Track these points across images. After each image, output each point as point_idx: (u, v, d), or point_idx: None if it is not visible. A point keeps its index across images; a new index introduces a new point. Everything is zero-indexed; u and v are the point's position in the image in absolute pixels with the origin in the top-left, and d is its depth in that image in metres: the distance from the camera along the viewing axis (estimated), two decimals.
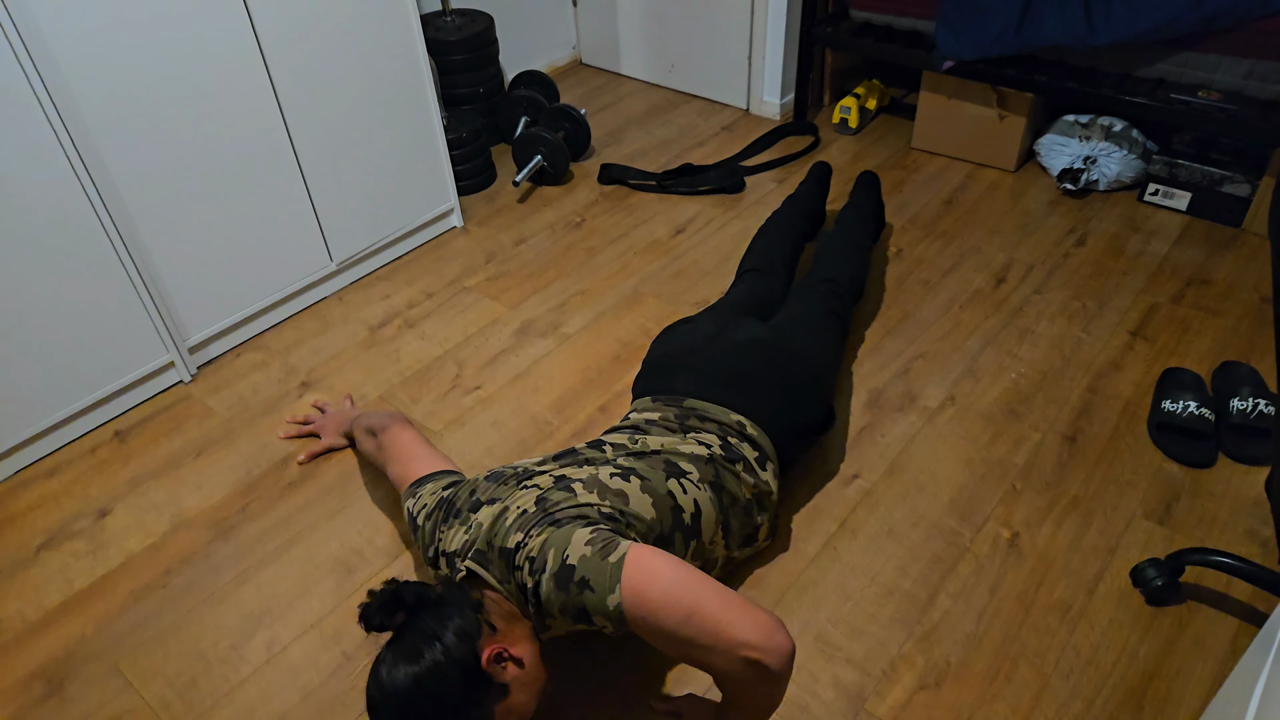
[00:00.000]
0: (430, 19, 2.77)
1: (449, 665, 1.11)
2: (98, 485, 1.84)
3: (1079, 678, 1.40)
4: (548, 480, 1.32)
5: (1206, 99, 2.23)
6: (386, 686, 1.11)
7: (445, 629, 1.13)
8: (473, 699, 1.12)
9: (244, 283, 2.13)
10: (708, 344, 1.65)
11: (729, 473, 1.44)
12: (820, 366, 1.70)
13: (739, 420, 1.52)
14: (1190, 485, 1.70)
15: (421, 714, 1.10)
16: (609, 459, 1.39)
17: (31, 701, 1.45)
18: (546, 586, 1.15)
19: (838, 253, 2.04)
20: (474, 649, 1.13)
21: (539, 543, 1.18)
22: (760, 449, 1.50)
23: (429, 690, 1.10)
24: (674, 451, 1.42)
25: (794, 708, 1.38)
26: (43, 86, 1.63)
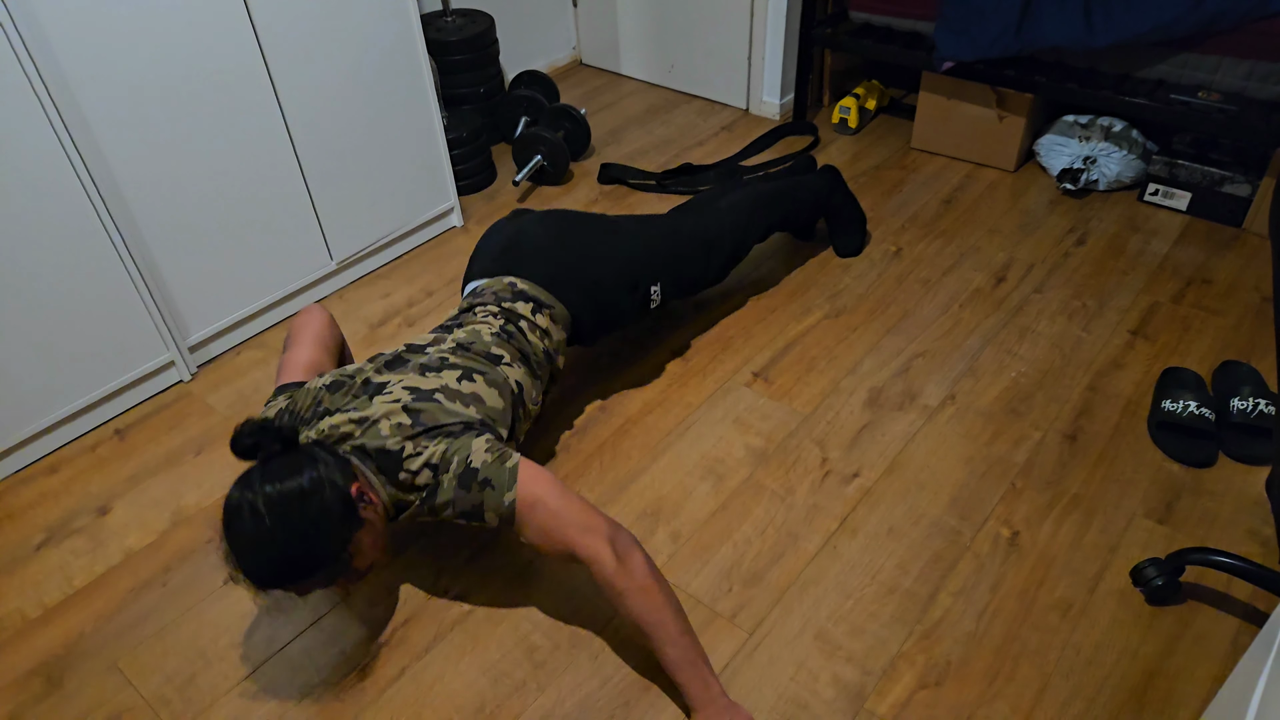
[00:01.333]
0: (431, 19, 2.77)
1: (327, 483, 1.24)
2: (98, 482, 1.84)
3: (1080, 677, 1.40)
4: (403, 393, 1.39)
5: (1206, 100, 2.24)
6: (254, 502, 1.21)
7: (319, 454, 1.28)
8: (343, 518, 1.25)
9: (244, 281, 2.13)
10: (501, 230, 1.81)
11: (521, 336, 1.60)
12: (621, 236, 1.81)
13: (510, 281, 1.68)
14: (1191, 485, 1.70)
15: (298, 524, 1.22)
16: (441, 361, 1.47)
17: (31, 698, 1.45)
18: (447, 486, 1.30)
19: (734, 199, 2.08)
20: (346, 480, 1.28)
21: (439, 449, 1.31)
22: (531, 299, 1.66)
23: (309, 501, 1.22)
24: (480, 339, 1.54)
25: (794, 705, 1.37)
26: (44, 86, 1.63)
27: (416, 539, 1.68)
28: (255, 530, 1.22)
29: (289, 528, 1.22)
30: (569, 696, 1.41)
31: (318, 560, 1.25)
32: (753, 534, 1.65)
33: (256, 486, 1.23)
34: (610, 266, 1.77)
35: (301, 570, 1.25)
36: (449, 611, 1.55)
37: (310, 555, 1.24)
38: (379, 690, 1.43)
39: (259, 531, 1.22)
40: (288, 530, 1.22)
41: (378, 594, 1.58)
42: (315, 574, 1.26)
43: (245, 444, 1.26)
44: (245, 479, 1.25)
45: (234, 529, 1.24)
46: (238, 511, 1.23)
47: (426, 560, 1.64)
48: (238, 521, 1.23)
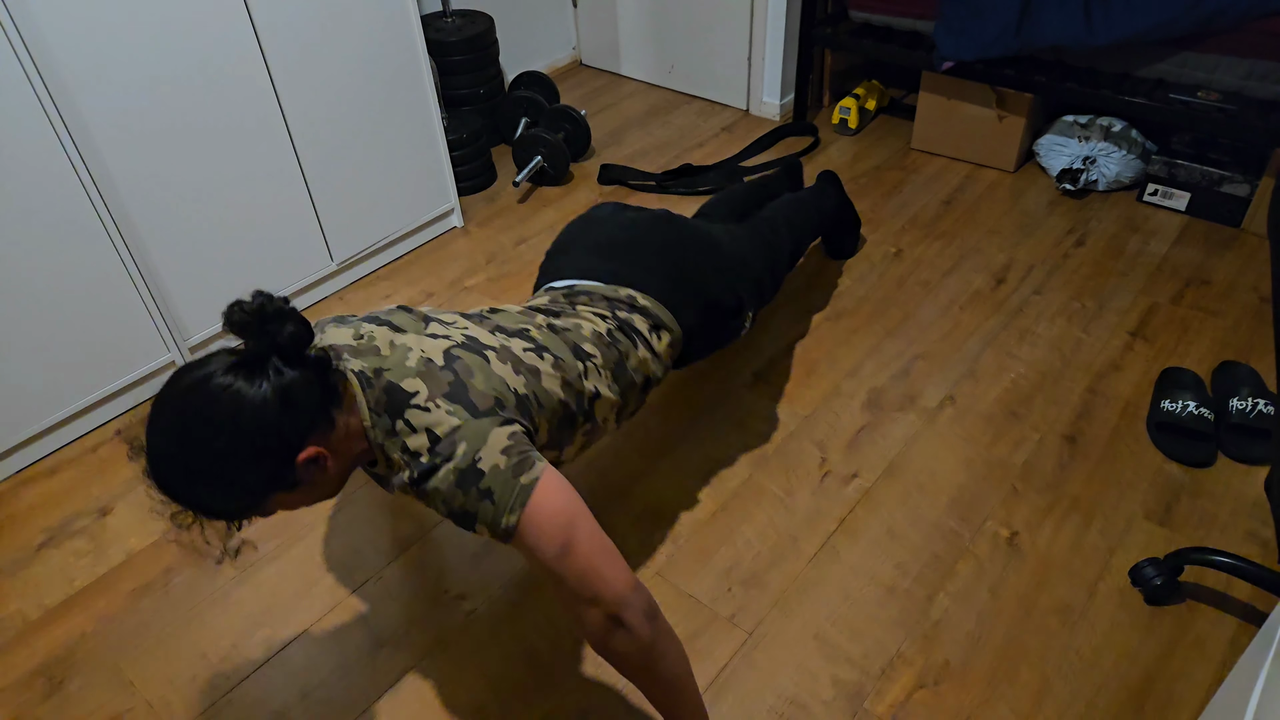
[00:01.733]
0: (431, 20, 2.77)
1: (275, 423, 1.02)
2: (99, 484, 1.84)
3: (1079, 678, 1.40)
4: (458, 334, 1.22)
5: (1206, 99, 2.24)
6: (202, 383, 1.01)
7: (299, 393, 1.04)
8: (268, 475, 1.05)
9: (245, 282, 2.13)
10: (599, 223, 1.63)
11: (629, 351, 1.41)
12: (725, 256, 1.65)
13: (628, 294, 1.47)
14: (1190, 485, 1.70)
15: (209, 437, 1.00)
16: (521, 330, 1.31)
17: (32, 700, 1.45)
18: (444, 477, 1.09)
19: (783, 209, 2.02)
20: (302, 435, 1.05)
21: (449, 423, 1.10)
22: (653, 317, 1.47)
23: (238, 423, 1.00)
24: (577, 332, 1.37)
25: (794, 707, 1.38)
26: (44, 86, 1.63)
27: (418, 540, 1.68)
28: (171, 425, 1.02)
29: (199, 453, 1.01)
30: (569, 699, 1.41)
31: (206, 503, 1.05)
32: (752, 536, 1.65)
33: (211, 376, 1.02)
34: (721, 288, 1.60)
35: (192, 501, 1.05)
36: (450, 614, 1.55)
37: (202, 494, 1.04)
38: (379, 692, 1.43)
39: (173, 431, 1.02)
40: (196, 453, 1.01)
41: (378, 596, 1.59)
42: (204, 512, 1.06)
43: (235, 318, 1.03)
44: (219, 357, 1.05)
45: (160, 405, 1.04)
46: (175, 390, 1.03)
47: (429, 562, 1.64)
48: (169, 401, 1.03)
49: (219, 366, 1.03)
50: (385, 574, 1.62)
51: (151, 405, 1.05)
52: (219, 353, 1.06)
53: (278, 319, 1.04)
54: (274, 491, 1.07)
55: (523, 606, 1.55)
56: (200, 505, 1.05)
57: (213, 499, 1.04)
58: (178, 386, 1.03)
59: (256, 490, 1.06)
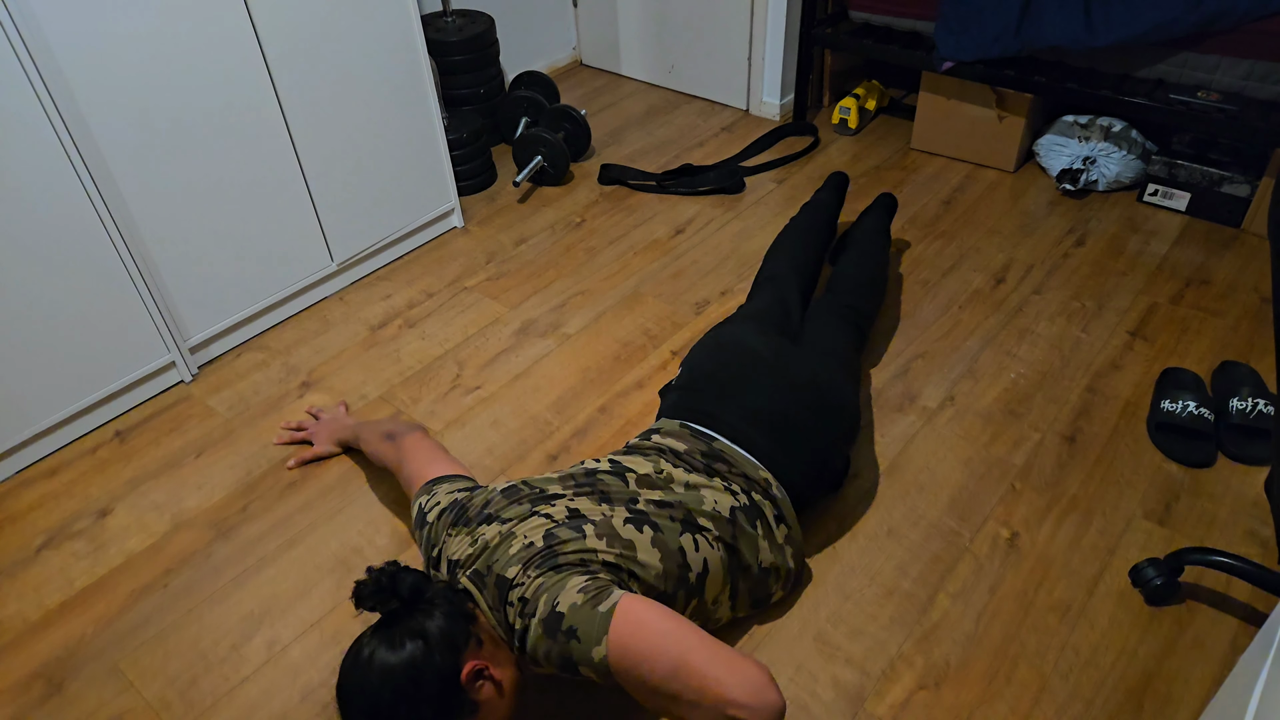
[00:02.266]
0: (431, 20, 2.77)
1: (429, 665, 1.10)
2: (98, 485, 1.84)
3: (1078, 678, 1.40)
4: (561, 512, 1.28)
5: (1206, 99, 2.24)
6: (362, 668, 1.10)
7: (434, 629, 1.12)
8: (443, 708, 1.10)
9: (245, 282, 2.13)
10: (761, 375, 1.56)
11: (746, 534, 1.38)
12: (855, 419, 1.63)
13: (766, 478, 1.44)
14: (1190, 485, 1.70)
15: (388, 707, 1.09)
16: (628, 497, 1.34)
17: (32, 701, 1.45)
18: (535, 632, 1.14)
19: (864, 279, 1.96)
20: (457, 659, 1.12)
21: (534, 585, 1.17)
22: (780, 511, 1.44)
23: (402, 685, 1.09)
24: (696, 504, 1.36)
25: (794, 707, 1.38)
26: (44, 87, 1.63)
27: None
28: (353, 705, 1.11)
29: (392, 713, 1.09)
30: (568, 698, 1.41)
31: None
32: None
33: (365, 657, 1.11)
34: (843, 461, 1.61)
35: None
36: None
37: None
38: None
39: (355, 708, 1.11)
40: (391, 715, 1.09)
41: None
42: None
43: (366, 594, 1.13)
44: (356, 649, 1.14)
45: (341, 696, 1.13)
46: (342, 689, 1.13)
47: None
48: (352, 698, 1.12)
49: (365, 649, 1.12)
50: None
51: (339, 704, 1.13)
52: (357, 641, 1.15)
53: (397, 583, 1.14)
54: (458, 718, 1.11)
55: None
56: None
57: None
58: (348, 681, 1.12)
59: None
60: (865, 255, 2.05)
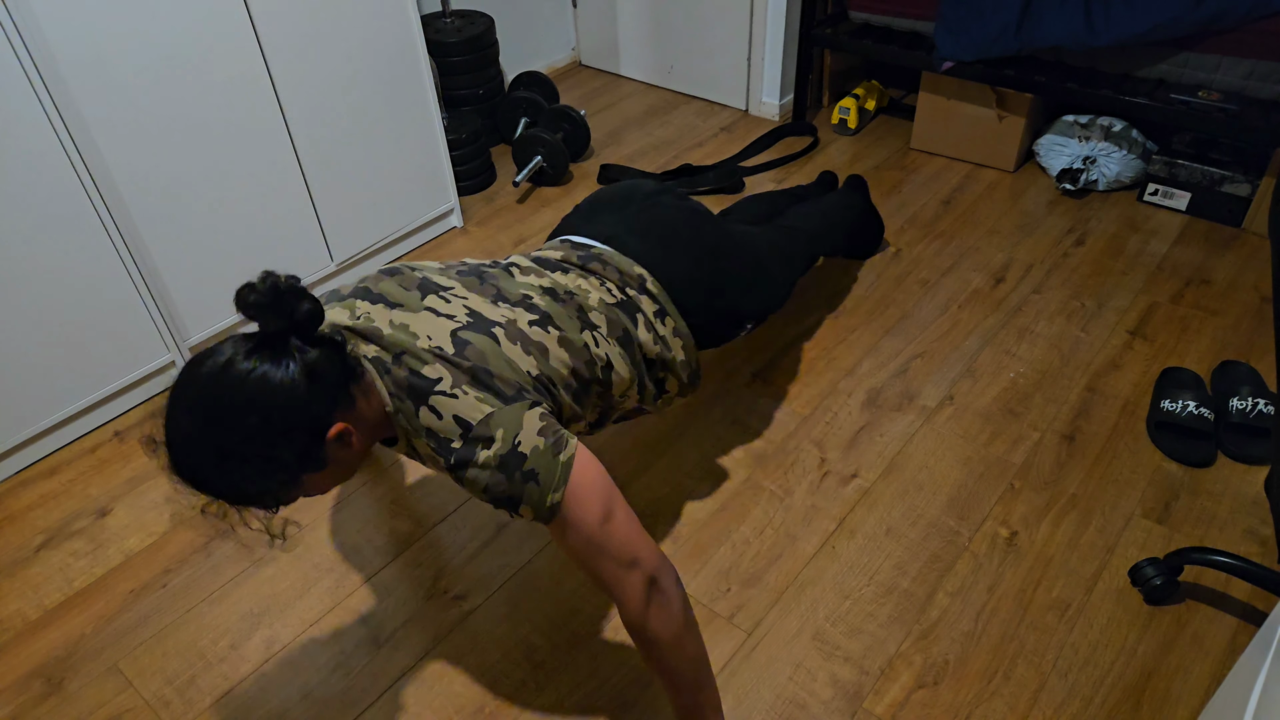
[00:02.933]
0: (430, 20, 2.77)
1: (305, 403, 1.02)
2: (98, 485, 1.84)
3: (1077, 676, 1.40)
4: (460, 309, 1.18)
5: (1206, 99, 2.24)
6: (230, 371, 0.99)
7: (323, 368, 1.04)
8: (297, 453, 1.04)
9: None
10: (641, 198, 1.58)
11: (631, 325, 1.37)
12: (754, 258, 1.62)
13: (640, 274, 1.43)
14: (1189, 484, 1.70)
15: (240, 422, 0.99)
16: (520, 294, 1.27)
17: (31, 700, 1.45)
18: (485, 464, 1.07)
19: (806, 215, 2.00)
20: (332, 410, 1.06)
21: (480, 410, 1.08)
22: (660, 305, 1.43)
23: (269, 408, 0.99)
24: (584, 298, 1.33)
25: (792, 706, 1.38)
26: (43, 85, 1.64)
27: (417, 539, 1.68)
28: (196, 411, 1.01)
29: (230, 434, 1.00)
30: (568, 697, 1.41)
31: (241, 487, 1.03)
32: (751, 535, 1.65)
33: (233, 361, 1.01)
34: (735, 298, 1.58)
35: (225, 487, 1.03)
36: (448, 612, 1.55)
37: (236, 478, 1.02)
38: (379, 691, 1.44)
39: (199, 416, 1.01)
40: (227, 435, 1.00)
41: (377, 594, 1.59)
42: (231, 498, 1.05)
43: (250, 299, 1.01)
44: (233, 343, 1.03)
45: (180, 394, 1.03)
46: (195, 377, 1.02)
47: (427, 561, 1.64)
48: (188, 389, 1.02)
49: (237, 351, 1.02)
50: (384, 573, 1.62)
51: (170, 397, 1.03)
52: (230, 339, 1.05)
53: (292, 297, 1.04)
54: (305, 471, 1.06)
55: (521, 605, 1.55)
56: (233, 491, 1.04)
57: (246, 482, 1.03)
58: (197, 374, 1.02)
59: (289, 470, 1.04)
60: (814, 203, 2.11)
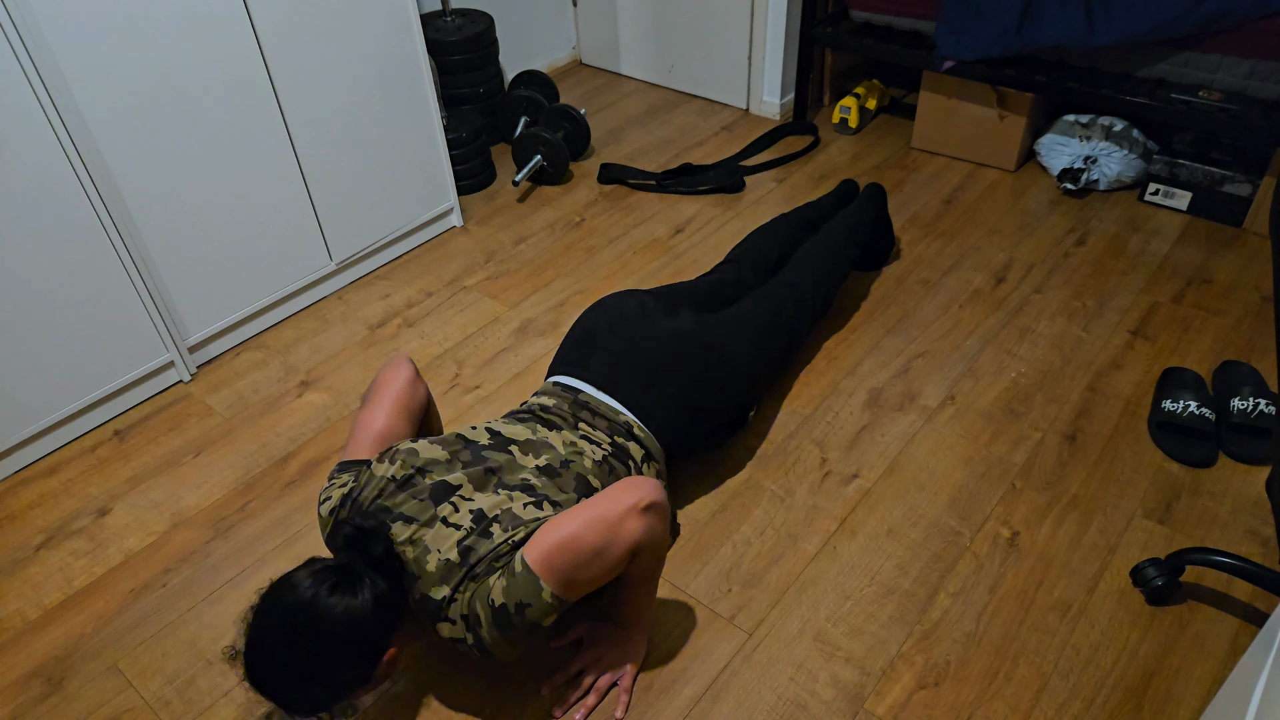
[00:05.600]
0: (430, 19, 2.77)
1: (369, 629, 1.15)
2: (97, 484, 1.84)
3: (1078, 677, 1.39)
4: (465, 518, 1.27)
5: (1207, 99, 2.23)
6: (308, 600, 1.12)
7: (387, 597, 1.18)
8: (355, 673, 1.17)
9: (244, 282, 2.13)
10: (629, 325, 1.64)
11: (622, 474, 1.45)
12: (744, 368, 1.67)
13: (627, 421, 1.52)
14: (1190, 485, 1.69)
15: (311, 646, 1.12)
16: (520, 478, 1.34)
17: (31, 700, 1.45)
18: (492, 637, 1.20)
19: (812, 259, 1.97)
20: (390, 635, 1.20)
21: (466, 599, 1.21)
22: (646, 449, 1.52)
23: (338, 633, 1.13)
24: (580, 464, 1.40)
25: (793, 706, 1.37)
26: (43, 86, 1.63)
27: None
28: (284, 638, 1.13)
29: (311, 661, 1.14)
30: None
31: (309, 703, 1.16)
32: (752, 535, 1.65)
33: (318, 592, 1.14)
34: (733, 408, 1.65)
35: (292, 702, 1.16)
36: None
37: (308, 695, 1.15)
38: (379, 691, 1.43)
39: (286, 642, 1.13)
40: (308, 662, 1.13)
41: None
42: (295, 710, 1.17)
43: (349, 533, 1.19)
44: (310, 576, 1.16)
45: (268, 618, 1.15)
46: (285, 606, 1.14)
47: None
48: (277, 616, 1.15)
49: (321, 583, 1.15)
50: None
51: (257, 615, 1.16)
52: (312, 567, 1.17)
53: (374, 538, 1.20)
54: (360, 689, 1.19)
55: None
56: (297, 705, 1.16)
57: (311, 700, 1.16)
58: (285, 602, 1.14)
59: (350, 690, 1.18)
60: (827, 238, 2.06)
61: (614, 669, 1.40)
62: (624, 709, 1.37)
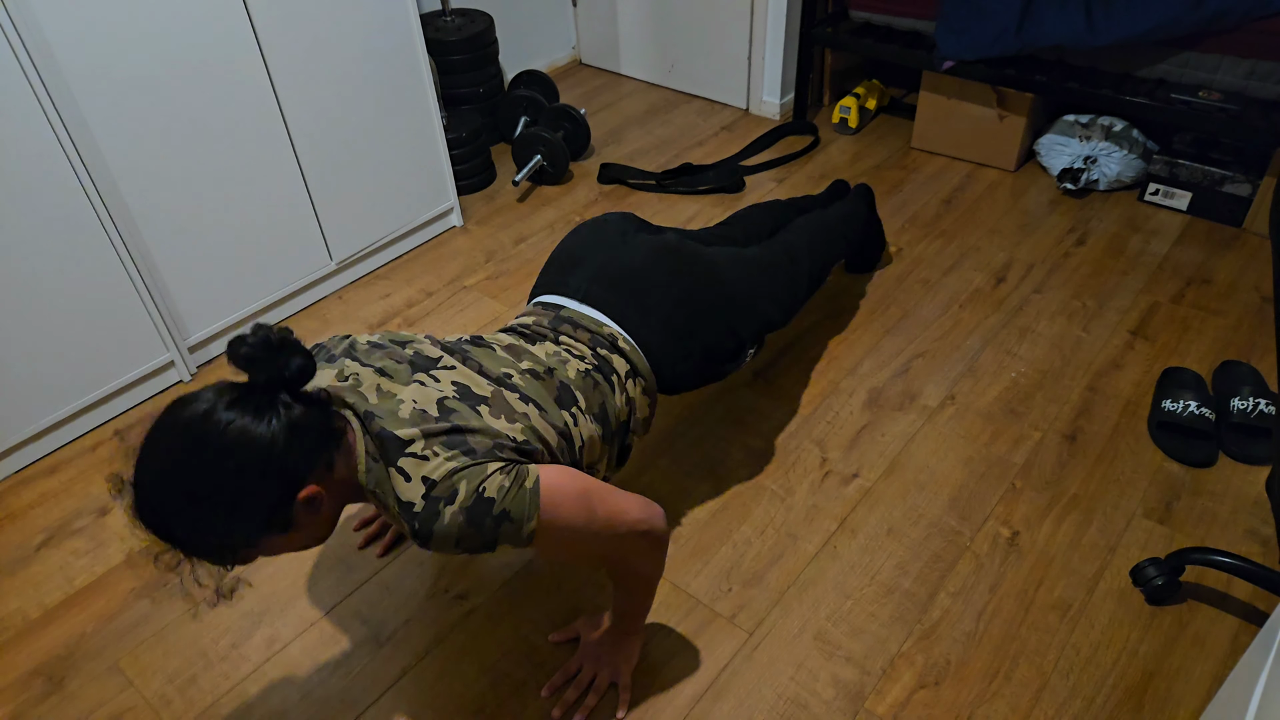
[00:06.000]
0: (430, 19, 2.77)
1: (280, 460, 1.00)
2: (98, 483, 1.84)
3: (1079, 676, 1.40)
4: (448, 384, 1.18)
5: (1207, 99, 2.23)
6: (207, 419, 0.97)
7: (304, 425, 1.02)
8: (265, 510, 1.01)
9: (244, 281, 2.13)
10: (610, 242, 1.57)
11: (608, 391, 1.37)
12: (735, 298, 1.58)
13: (611, 333, 1.43)
14: (1190, 484, 1.70)
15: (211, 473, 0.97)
16: (502, 370, 1.27)
17: (32, 699, 1.45)
18: (449, 519, 1.04)
19: (808, 229, 1.94)
20: (307, 472, 1.03)
21: (445, 468, 1.06)
22: (631, 363, 1.43)
23: (242, 461, 0.97)
24: (563, 371, 1.33)
25: (794, 706, 1.38)
26: (42, 86, 1.63)
27: None
28: (171, 454, 0.99)
29: (201, 480, 0.98)
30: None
31: (201, 537, 1.00)
32: (752, 534, 1.65)
33: (215, 409, 0.98)
34: (723, 333, 1.56)
35: (184, 537, 1.00)
36: (449, 612, 1.55)
37: (199, 526, 0.99)
38: (380, 690, 1.43)
39: (172, 459, 0.99)
40: (198, 481, 0.98)
41: (377, 594, 1.58)
42: (188, 548, 1.02)
43: (241, 351, 0.99)
44: (217, 390, 1.01)
45: (157, 436, 1.01)
46: (174, 422, 1.00)
47: (427, 561, 1.64)
48: (166, 432, 1.00)
49: (222, 400, 1.00)
50: (385, 572, 1.62)
51: (146, 438, 1.01)
52: (216, 385, 1.02)
53: (284, 351, 1.02)
54: (269, 532, 1.03)
55: (521, 603, 1.55)
56: (191, 543, 1.01)
57: (207, 535, 1.00)
58: (177, 418, 1.00)
59: (253, 528, 1.02)
60: (820, 216, 2.04)
61: (613, 668, 1.40)
62: (625, 708, 1.38)
